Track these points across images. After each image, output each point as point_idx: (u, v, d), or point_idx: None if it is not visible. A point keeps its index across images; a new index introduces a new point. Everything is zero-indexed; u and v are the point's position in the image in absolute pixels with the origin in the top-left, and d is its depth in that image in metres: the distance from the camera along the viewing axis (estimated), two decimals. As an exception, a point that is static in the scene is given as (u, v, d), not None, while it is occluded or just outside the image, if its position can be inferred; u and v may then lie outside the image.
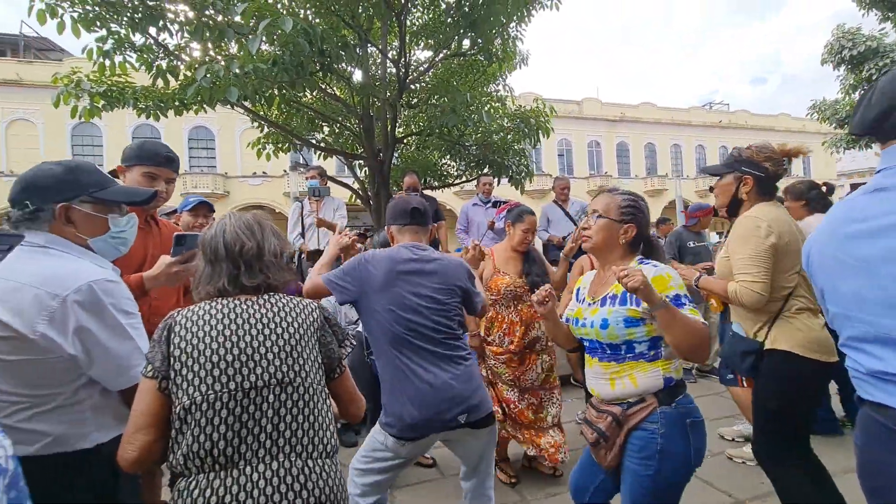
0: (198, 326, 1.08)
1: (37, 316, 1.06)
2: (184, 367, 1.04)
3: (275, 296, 1.18)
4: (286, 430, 1.06)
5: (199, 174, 21.00)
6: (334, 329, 1.23)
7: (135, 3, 4.34)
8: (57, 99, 4.70)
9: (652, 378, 1.40)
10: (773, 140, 2.00)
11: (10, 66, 19.72)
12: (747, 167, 1.86)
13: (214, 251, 1.17)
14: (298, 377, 1.10)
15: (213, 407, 1.02)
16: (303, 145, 7.06)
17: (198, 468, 1.01)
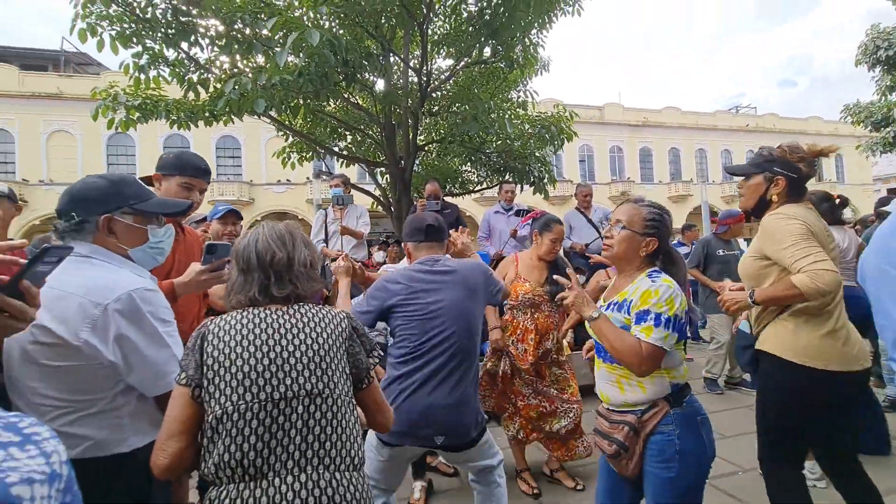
0: (230, 336, 1.09)
1: (80, 323, 1.11)
2: (216, 377, 1.06)
3: (304, 306, 1.19)
4: (314, 441, 1.07)
5: (226, 182, 21.59)
6: (362, 339, 1.23)
7: (168, 19, 4.52)
8: (95, 112, 4.93)
9: (659, 385, 1.46)
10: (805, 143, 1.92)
11: (52, 80, 20.73)
12: (780, 167, 1.76)
13: (247, 261, 1.18)
14: (327, 388, 1.10)
15: (243, 417, 1.03)
16: (326, 153, 7.19)
17: (228, 478, 1.03)
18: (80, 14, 4.31)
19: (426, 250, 1.90)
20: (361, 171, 11.29)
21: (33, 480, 0.48)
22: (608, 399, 1.55)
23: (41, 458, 0.52)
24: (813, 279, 1.53)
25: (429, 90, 6.02)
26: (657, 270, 1.52)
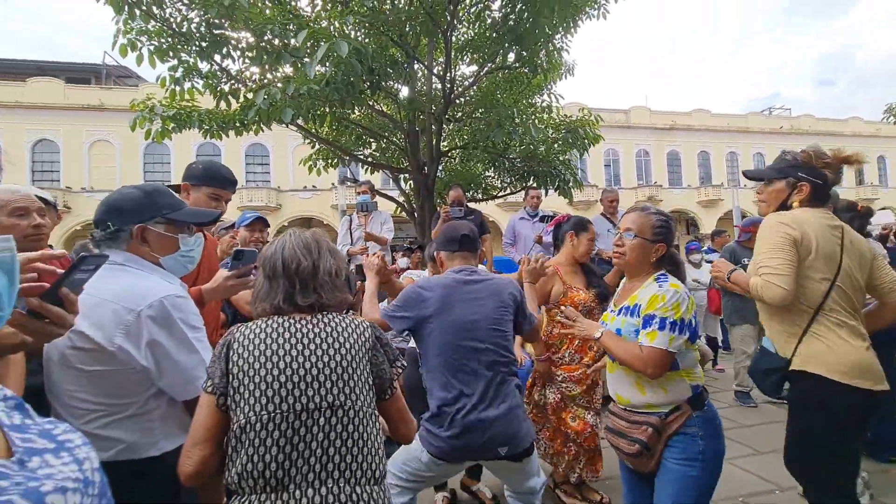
0: (254, 345, 1.09)
1: (115, 329, 1.15)
2: (241, 385, 1.07)
3: (328, 315, 1.18)
4: (335, 454, 1.06)
5: (255, 188, 22.17)
6: (385, 349, 1.22)
7: (202, 33, 4.69)
8: (133, 123, 5.15)
9: (679, 387, 1.51)
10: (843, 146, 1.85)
11: (94, 92, 21.80)
12: (805, 173, 1.69)
13: (273, 268, 1.19)
14: (349, 400, 1.09)
15: (265, 427, 1.03)
16: (351, 160, 7.30)
17: (251, 488, 1.03)
18: (121, 30, 4.53)
19: (460, 260, 1.91)
20: (385, 178, 11.44)
21: (66, 489, 0.48)
22: (627, 401, 1.59)
23: (74, 465, 0.52)
24: (759, 287, 1.62)
25: (452, 96, 6.04)
26: (664, 274, 1.58)
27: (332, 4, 5.29)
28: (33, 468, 0.49)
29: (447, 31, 5.44)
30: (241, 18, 4.39)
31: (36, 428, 0.53)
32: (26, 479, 0.46)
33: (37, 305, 0.82)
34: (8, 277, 0.55)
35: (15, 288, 0.56)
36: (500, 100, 6.20)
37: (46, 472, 0.49)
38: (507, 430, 1.67)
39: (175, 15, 4.64)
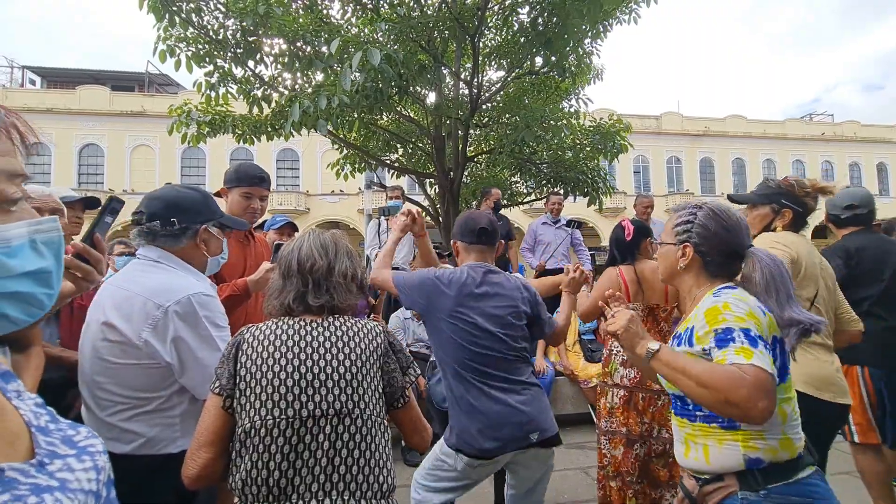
0: (262, 347, 1.07)
1: (143, 324, 1.18)
2: (247, 388, 1.04)
3: (340, 318, 1.15)
4: (341, 465, 1.02)
5: (285, 192, 22.74)
6: (398, 356, 1.17)
7: (238, 39, 4.85)
8: (171, 127, 5.37)
9: (727, 454, 1.07)
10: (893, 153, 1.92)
11: (137, 99, 22.88)
12: (787, 200, 1.84)
13: (288, 266, 1.17)
14: (357, 408, 1.05)
15: (270, 433, 1.00)
16: (378, 165, 7.38)
17: (253, 496, 1.00)
18: (161, 37, 4.74)
19: (476, 254, 1.84)
20: (411, 183, 11.50)
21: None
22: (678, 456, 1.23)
23: (93, 473, 0.52)
24: None
25: (479, 101, 6.04)
26: (728, 286, 1.16)
27: (364, 11, 5.38)
28: (53, 471, 0.48)
29: (475, 37, 5.44)
30: (274, 26, 4.52)
31: (59, 434, 0.54)
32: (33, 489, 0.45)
33: (81, 248, 0.93)
34: (56, 258, 0.56)
35: (61, 268, 0.57)
36: (528, 104, 6.15)
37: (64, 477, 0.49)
38: (537, 416, 1.66)
39: (212, 22, 4.82)
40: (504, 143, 5.94)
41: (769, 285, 1.11)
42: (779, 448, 1.05)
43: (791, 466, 1.06)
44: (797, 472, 1.05)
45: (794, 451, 1.06)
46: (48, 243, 0.54)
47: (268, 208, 2.29)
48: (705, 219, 1.21)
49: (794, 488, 1.03)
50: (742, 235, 1.20)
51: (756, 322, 1.05)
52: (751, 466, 1.05)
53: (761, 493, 1.03)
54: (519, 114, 5.92)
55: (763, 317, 1.07)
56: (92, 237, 0.93)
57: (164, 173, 22.33)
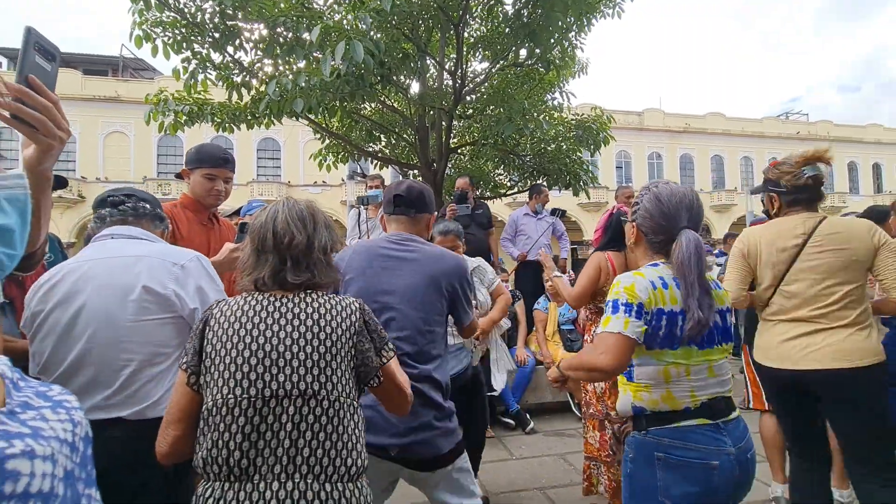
0: (229, 323, 1.03)
1: (167, 278, 1.33)
2: (212, 365, 1.01)
3: (312, 294, 1.09)
4: (305, 447, 0.98)
5: (265, 182, 22.36)
6: (373, 335, 1.12)
7: (216, 23, 4.72)
8: (147, 116, 5.22)
9: (624, 400, 1.33)
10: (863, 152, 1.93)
11: (111, 84, 22.14)
12: (770, 186, 1.97)
13: (262, 240, 1.09)
14: (324, 389, 1.01)
15: (231, 412, 0.97)
16: (361, 156, 7.31)
17: (215, 475, 0.97)
18: (136, 22, 4.58)
19: (395, 224, 1.67)
20: (395, 174, 11.42)
21: (35, 455, 0.46)
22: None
23: (69, 424, 0.52)
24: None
25: (463, 92, 6.02)
26: (653, 263, 1.32)
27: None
28: (25, 419, 0.48)
29: (459, 26, 5.41)
30: (254, 10, 4.41)
31: (31, 389, 0.53)
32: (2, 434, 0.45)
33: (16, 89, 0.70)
34: (20, 216, 0.52)
35: (27, 228, 0.53)
36: (511, 96, 6.16)
37: (37, 425, 0.48)
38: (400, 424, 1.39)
39: (189, 5, 4.68)
40: (487, 135, 5.96)
41: (680, 268, 1.24)
42: (660, 400, 1.26)
43: (671, 416, 1.26)
44: (678, 421, 1.25)
45: (676, 404, 1.26)
46: (12, 200, 0.51)
47: (248, 199, 2.26)
48: (647, 202, 1.34)
49: (671, 432, 1.24)
50: (677, 219, 1.29)
51: (629, 293, 1.23)
52: (636, 412, 1.29)
53: (643, 433, 1.28)
54: (503, 106, 5.93)
55: (648, 291, 1.23)
56: (25, 79, 0.71)
57: (139, 161, 21.71)
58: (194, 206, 2.04)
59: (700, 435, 1.23)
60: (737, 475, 1.23)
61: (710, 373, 1.28)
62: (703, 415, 1.25)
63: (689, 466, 1.21)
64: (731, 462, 1.22)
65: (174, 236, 1.90)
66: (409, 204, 1.65)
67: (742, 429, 1.30)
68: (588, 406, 2.49)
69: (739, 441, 1.26)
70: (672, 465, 1.22)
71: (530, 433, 3.72)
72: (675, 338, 1.23)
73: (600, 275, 2.37)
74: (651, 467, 1.24)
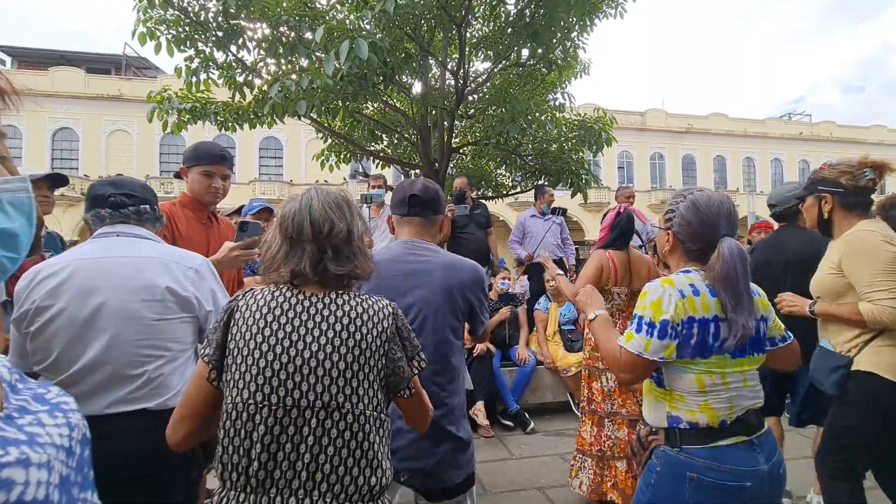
0: (254, 319, 0.96)
1: (185, 281, 1.39)
2: (234, 363, 0.95)
3: (345, 295, 1.01)
4: (326, 463, 0.92)
5: (268, 181, 22.39)
6: (405, 342, 1.03)
7: (219, 22, 4.74)
8: (150, 115, 5.23)
9: (657, 411, 1.26)
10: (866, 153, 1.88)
11: (114, 83, 22.18)
12: (823, 186, 1.87)
13: (299, 229, 1.00)
14: (349, 402, 0.94)
15: (252, 419, 0.92)
16: (363, 155, 7.32)
17: (232, 483, 0.93)
18: (140, 19, 4.59)
19: (408, 227, 1.52)
20: (397, 174, 11.42)
21: (30, 463, 0.45)
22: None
23: (66, 429, 0.51)
24: (877, 313, 1.65)
25: (465, 92, 6.02)
26: (685, 270, 1.29)
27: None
28: (22, 424, 0.47)
29: (462, 26, 5.41)
30: (257, 9, 4.42)
31: (29, 392, 0.52)
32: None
33: None
34: (27, 220, 0.51)
35: (32, 231, 0.52)
36: (513, 96, 6.16)
37: (34, 431, 0.48)
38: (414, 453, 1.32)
39: (192, 3, 4.69)
40: (490, 135, 5.96)
41: (725, 278, 1.20)
42: (698, 412, 1.20)
43: (708, 433, 1.19)
44: (714, 440, 1.19)
45: (714, 417, 1.19)
46: (16, 204, 0.50)
47: (250, 198, 2.26)
48: (685, 209, 1.30)
49: (706, 451, 1.18)
50: (716, 228, 1.25)
51: (654, 309, 1.20)
52: (672, 424, 1.22)
53: (677, 450, 1.21)
54: (505, 106, 5.93)
55: (676, 300, 1.20)
56: None
57: (142, 160, 21.76)
58: (193, 205, 2.04)
59: (736, 455, 1.19)
60: (767, 492, 1.20)
61: (744, 383, 1.24)
62: (740, 431, 1.21)
63: (723, 489, 1.17)
64: (764, 479, 1.19)
65: (173, 235, 1.91)
66: (425, 205, 1.51)
67: (772, 442, 1.26)
68: (590, 402, 2.49)
69: (771, 456, 1.23)
70: (705, 487, 1.17)
71: (530, 433, 3.72)
72: (707, 346, 1.19)
73: (601, 273, 2.37)
74: (680, 484, 1.19)
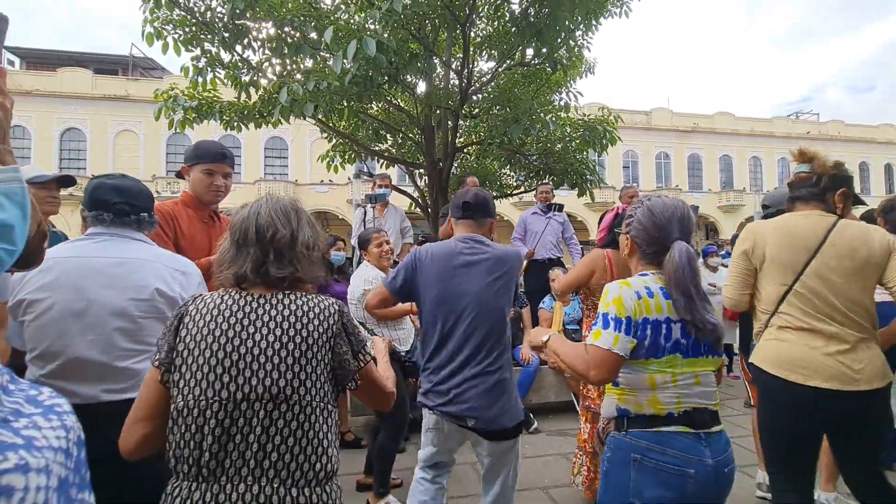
0: (204, 322, 1.02)
1: (173, 282, 1.47)
2: (184, 364, 1.00)
3: (292, 294, 1.08)
4: (273, 451, 0.98)
5: (273, 181, 22.46)
6: (351, 338, 1.10)
7: (225, 22, 4.77)
8: (157, 113, 5.28)
9: (609, 403, 1.38)
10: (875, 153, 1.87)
11: (121, 83, 22.33)
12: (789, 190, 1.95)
13: (244, 234, 1.07)
14: (297, 393, 1.00)
15: (203, 414, 0.97)
16: (367, 155, 7.34)
17: (184, 474, 0.97)
18: (147, 19, 4.64)
19: (463, 227, 1.90)
20: (401, 174, 11.45)
21: (29, 469, 0.44)
22: None
23: (62, 431, 0.51)
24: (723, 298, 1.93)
25: (469, 92, 6.02)
26: (643, 273, 1.37)
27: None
28: (18, 428, 0.46)
29: (466, 26, 5.41)
30: (263, 9, 4.45)
31: (21, 394, 0.51)
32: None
33: None
34: (21, 210, 0.51)
35: (27, 223, 0.52)
36: (517, 96, 6.15)
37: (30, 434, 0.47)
38: (476, 403, 1.68)
39: (199, 4, 4.72)
40: (494, 135, 5.95)
41: (674, 278, 1.28)
42: (645, 404, 1.29)
43: (653, 420, 1.28)
44: (658, 426, 1.27)
45: (659, 409, 1.28)
46: (9, 195, 0.50)
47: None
48: (641, 215, 1.38)
49: (649, 434, 1.27)
50: (669, 231, 1.33)
51: (618, 306, 1.26)
52: (620, 415, 1.33)
53: (622, 433, 1.31)
54: (509, 106, 5.93)
55: (633, 301, 1.27)
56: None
57: (148, 159, 21.90)
58: (195, 204, 2.06)
59: (680, 442, 1.25)
60: (712, 488, 1.24)
61: (696, 382, 1.29)
62: (686, 423, 1.26)
63: (664, 472, 1.23)
64: (709, 473, 1.22)
65: (176, 234, 1.93)
66: (475, 209, 1.88)
67: (724, 443, 1.30)
68: (585, 399, 2.58)
69: (719, 455, 1.26)
70: (647, 469, 1.24)
71: (534, 433, 3.72)
72: (659, 347, 1.26)
73: (593, 272, 2.42)
74: (626, 468, 1.27)
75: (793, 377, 1.65)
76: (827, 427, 1.73)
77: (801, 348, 1.67)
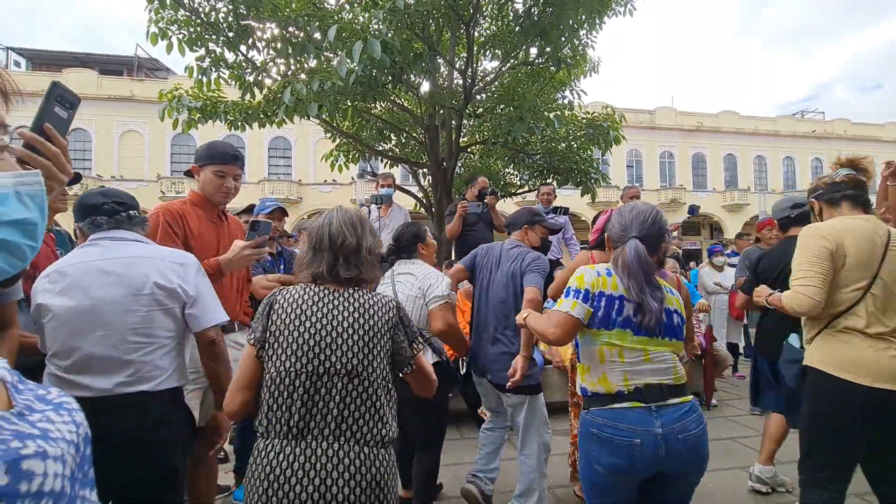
0: (291, 308, 1.24)
1: (173, 275, 1.51)
2: (276, 342, 1.22)
3: (359, 290, 1.30)
4: (349, 416, 1.20)
5: (277, 181, 22.52)
6: (407, 330, 1.33)
7: (229, 22, 4.79)
8: (162, 113, 5.30)
9: (577, 382, 1.57)
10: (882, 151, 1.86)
11: (126, 84, 22.45)
12: (811, 195, 1.98)
13: (319, 240, 1.31)
14: (366, 370, 1.22)
15: (293, 382, 1.19)
16: (371, 155, 7.35)
17: (276, 433, 1.19)
18: (152, 20, 4.66)
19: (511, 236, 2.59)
20: (405, 173, 11.45)
21: (47, 456, 0.47)
22: None
23: (73, 426, 0.53)
24: (790, 299, 1.77)
25: (473, 91, 6.02)
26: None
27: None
28: (33, 421, 0.49)
29: (470, 25, 5.41)
30: (267, 9, 4.46)
31: (31, 392, 0.54)
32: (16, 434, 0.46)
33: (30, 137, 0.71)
34: (41, 212, 0.55)
35: (45, 223, 0.56)
36: (521, 94, 6.15)
37: (45, 427, 0.49)
38: (493, 365, 2.37)
39: (203, 4, 4.74)
40: (498, 134, 5.95)
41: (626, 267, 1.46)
42: (597, 383, 1.48)
43: (607, 398, 1.45)
44: (611, 403, 1.44)
45: (610, 387, 1.45)
46: (32, 196, 0.54)
47: (259, 197, 2.28)
48: (614, 216, 1.61)
49: (604, 411, 1.45)
50: (629, 230, 1.53)
51: (580, 281, 1.49)
52: (583, 393, 1.53)
53: (586, 412, 1.51)
54: (513, 105, 5.92)
55: (593, 277, 1.49)
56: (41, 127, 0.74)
57: (153, 160, 22.00)
58: (204, 204, 2.07)
59: (630, 416, 1.41)
60: (661, 453, 1.37)
61: (645, 359, 1.44)
62: (636, 399, 1.42)
63: (614, 443, 1.41)
64: (656, 441, 1.37)
65: (185, 234, 1.94)
66: (511, 225, 2.64)
67: (680, 414, 1.42)
68: (573, 396, 2.76)
69: (672, 424, 1.39)
70: (602, 440, 1.43)
71: (539, 432, 3.71)
72: (610, 319, 1.45)
73: None
74: (588, 440, 1.48)
75: (860, 380, 1.64)
76: (885, 429, 1.68)
77: (867, 351, 1.66)
